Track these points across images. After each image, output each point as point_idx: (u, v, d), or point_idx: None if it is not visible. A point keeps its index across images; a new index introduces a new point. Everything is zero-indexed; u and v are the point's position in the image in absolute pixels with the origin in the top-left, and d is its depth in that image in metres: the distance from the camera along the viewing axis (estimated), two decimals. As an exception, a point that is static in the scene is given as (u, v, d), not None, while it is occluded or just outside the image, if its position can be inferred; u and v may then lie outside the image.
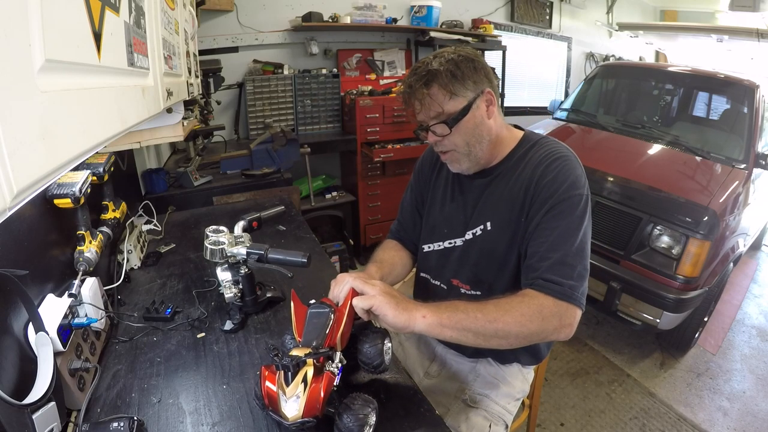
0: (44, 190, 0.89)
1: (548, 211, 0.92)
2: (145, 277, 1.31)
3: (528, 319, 0.83)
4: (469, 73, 0.94)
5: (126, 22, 0.60)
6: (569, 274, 0.87)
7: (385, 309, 0.80)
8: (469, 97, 0.95)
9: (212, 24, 2.90)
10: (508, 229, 0.99)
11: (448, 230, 1.10)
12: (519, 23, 4.35)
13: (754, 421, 2.04)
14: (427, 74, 0.93)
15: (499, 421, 1.08)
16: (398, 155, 3.06)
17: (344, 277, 0.90)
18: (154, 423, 0.79)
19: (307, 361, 0.73)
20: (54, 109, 0.37)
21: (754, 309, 3.01)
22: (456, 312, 0.83)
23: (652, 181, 2.24)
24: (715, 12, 5.15)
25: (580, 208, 0.91)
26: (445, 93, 0.93)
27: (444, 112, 0.94)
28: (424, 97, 0.93)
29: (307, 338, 0.79)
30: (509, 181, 1.00)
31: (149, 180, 1.90)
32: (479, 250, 1.04)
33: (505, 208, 0.99)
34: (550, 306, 0.85)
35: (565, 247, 0.89)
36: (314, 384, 0.71)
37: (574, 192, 0.92)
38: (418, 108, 0.97)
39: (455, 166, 1.04)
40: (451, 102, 0.94)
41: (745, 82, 2.66)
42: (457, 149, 0.99)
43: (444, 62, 0.93)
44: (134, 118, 0.64)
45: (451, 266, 1.10)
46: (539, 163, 0.96)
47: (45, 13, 0.34)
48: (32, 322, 0.71)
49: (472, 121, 0.96)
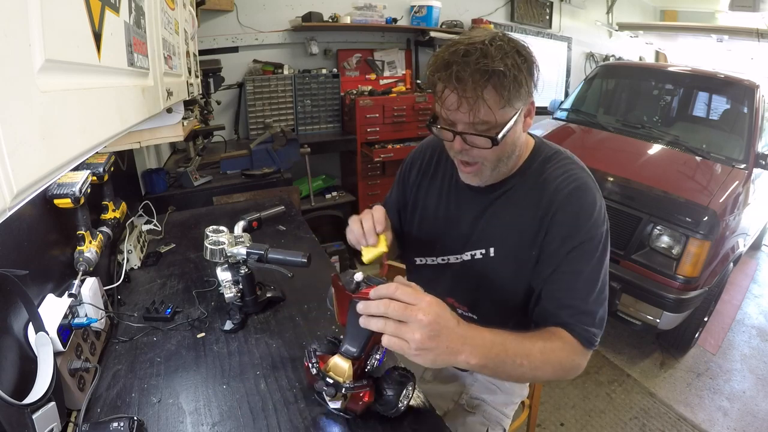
0: (44, 190, 0.89)
1: (569, 252, 0.82)
2: (145, 277, 1.31)
3: (564, 367, 0.79)
4: (528, 78, 0.76)
5: (126, 22, 0.60)
6: (592, 322, 0.81)
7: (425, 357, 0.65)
8: (519, 107, 0.79)
9: (212, 24, 2.90)
10: (514, 260, 0.89)
11: (440, 246, 0.99)
12: (519, 23, 4.35)
13: (754, 421, 2.04)
14: (488, 72, 0.72)
15: (496, 425, 1.07)
16: (398, 155, 3.06)
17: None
18: (154, 423, 0.79)
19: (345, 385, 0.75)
20: (54, 109, 0.37)
21: (754, 309, 3.01)
22: (504, 360, 0.71)
23: (652, 181, 2.23)
24: (715, 12, 5.15)
25: (601, 247, 0.83)
26: (500, 100, 0.75)
27: (491, 123, 0.77)
28: (476, 100, 0.74)
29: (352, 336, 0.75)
30: (519, 202, 0.88)
31: (149, 180, 1.90)
32: (479, 275, 0.94)
33: (513, 236, 0.88)
34: (579, 351, 0.80)
35: (587, 295, 0.81)
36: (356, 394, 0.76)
37: (596, 231, 0.82)
38: (456, 105, 0.76)
39: (474, 179, 0.88)
40: (503, 112, 0.76)
41: (745, 82, 2.66)
42: (485, 163, 0.84)
43: (506, 59, 0.73)
44: (134, 118, 0.64)
45: (446, 284, 1.00)
46: (556, 189, 0.84)
47: (45, 13, 0.34)
48: (32, 322, 0.71)
49: (513, 136, 0.81)
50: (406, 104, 3.12)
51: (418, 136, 3.23)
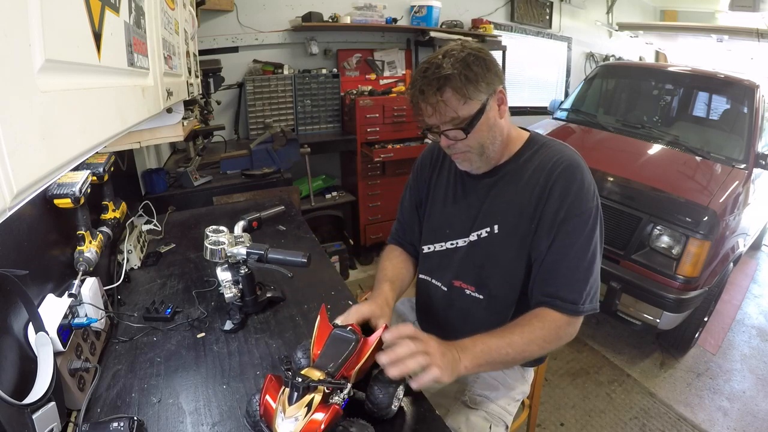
0: (44, 190, 0.89)
1: (561, 225, 0.92)
2: (145, 277, 1.31)
3: (548, 341, 0.91)
4: (482, 73, 0.90)
5: (126, 22, 0.60)
6: (580, 290, 0.92)
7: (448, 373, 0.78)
8: (483, 99, 0.92)
9: (212, 24, 2.90)
10: (516, 234, 0.98)
11: (450, 231, 1.09)
12: (519, 23, 4.35)
13: (754, 421, 2.04)
14: (440, 79, 0.88)
15: (499, 422, 1.08)
16: (398, 155, 3.06)
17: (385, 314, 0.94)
18: (154, 423, 0.79)
19: (318, 387, 0.70)
20: (54, 109, 0.37)
21: (754, 309, 3.01)
22: (491, 354, 0.86)
23: (652, 181, 2.24)
24: (715, 12, 5.15)
25: (591, 221, 0.93)
26: (459, 97, 0.89)
27: (459, 117, 0.91)
28: (438, 103, 0.90)
29: (323, 360, 0.76)
30: (518, 183, 0.99)
31: (149, 180, 1.90)
32: (485, 253, 1.03)
33: (514, 212, 0.98)
34: (564, 324, 0.92)
35: (577, 264, 0.92)
36: (318, 412, 0.67)
37: (587, 206, 0.93)
38: (429, 112, 0.92)
39: (466, 165, 1.02)
40: (466, 106, 0.90)
41: (745, 82, 2.66)
42: (471, 150, 0.97)
43: (456, 64, 0.88)
44: (134, 118, 0.64)
45: (453, 267, 1.09)
46: (551, 169, 0.95)
47: (45, 13, 0.34)
48: (32, 322, 0.71)
49: (486, 123, 0.94)
50: (406, 104, 3.10)
51: (418, 136, 3.23)
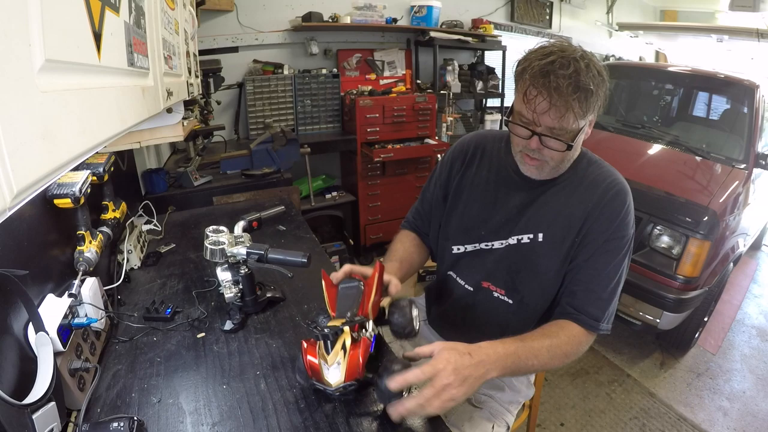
0: (44, 190, 0.89)
1: (602, 245, 0.95)
2: (145, 277, 1.30)
3: (568, 356, 0.91)
4: (603, 95, 0.87)
5: (126, 22, 0.60)
6: (604, 309, 0.94)
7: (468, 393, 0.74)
8: (590, 119, 0.91)
9: (212, 24, 2.90)
10: (562, 247, 0.97)
11: (485, 232, 1.06)
12: (519, 23, 4.35)
13: (754, 421, 2.04)
14: (578, 87, 0.82)
15: (501, 421, 1.09)
16: (398, 155, 3.06)
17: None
18: (154, 423, 0.79)
19: (344, 329, 0.78)
20: (54, 109, 0.37)
21: (754, 309, 3.01)
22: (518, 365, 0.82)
23: (652, 181, 2.24)
24: (715, 12, 5.16)
25: (626, 247, 0.96)
26: (581, 113, 0.85)
27: (568, 130, 0.88)
28: (567, 109, 0.84)
29: (341, 310, 0.84)
30: (570, 195, 0.98)
31: (149, 180, 1.90)
32: (523, 258, 1.01)
33: (562, 223, 0.98)
34: (584, 340, 0.94)
35: (607, 284, 0.95)
36: (353, 350, 0.77)
37: (628, 231, 0.96)
38: (543, 108, 0.85)
39: (534, 171, 0.98)
40: (578, 122, 0.88)
41: (745, 82, 2.66)
42: (552, 161, 0.94)
43: (595, 78, 0.84)
44: (134, 118, 0.64)
45: (484, 269, 1.07)
46: (606, 189, 0.96)
47: (45, 13, 0.34)
48: (32, 322, 0.71)
49: (578, 143, 0.95)
50: (406, 104, 3.11)
51: (418, 136, 3.23)
